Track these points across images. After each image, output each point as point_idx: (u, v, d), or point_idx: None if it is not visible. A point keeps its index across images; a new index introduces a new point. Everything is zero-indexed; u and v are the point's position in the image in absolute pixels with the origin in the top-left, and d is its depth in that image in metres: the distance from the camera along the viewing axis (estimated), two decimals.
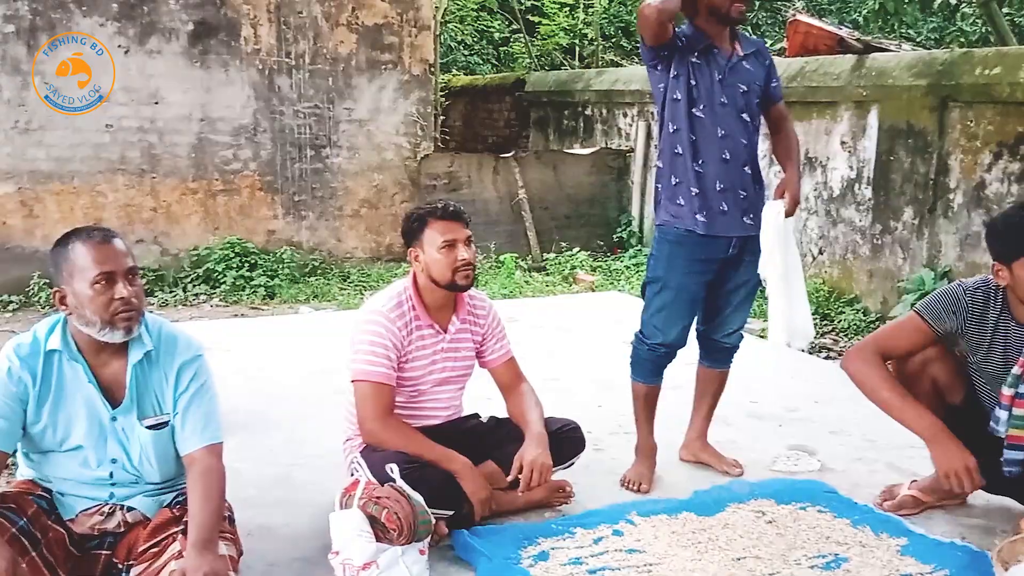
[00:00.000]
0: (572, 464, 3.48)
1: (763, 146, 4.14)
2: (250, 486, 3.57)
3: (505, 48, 15.23)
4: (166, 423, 2.64)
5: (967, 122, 5.82)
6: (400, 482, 2.91)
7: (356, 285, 8.10)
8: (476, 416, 3.59)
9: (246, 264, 7.96)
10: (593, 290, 7.90)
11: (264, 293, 7.72)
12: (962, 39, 10.96)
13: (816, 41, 6.98)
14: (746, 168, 3.55)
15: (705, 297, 3.66)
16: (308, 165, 8.44)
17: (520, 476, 3.18)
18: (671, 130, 3.55)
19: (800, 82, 6.95)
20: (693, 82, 3.47)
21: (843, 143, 6.75)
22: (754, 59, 3.57)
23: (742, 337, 3.85)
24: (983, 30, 11.00)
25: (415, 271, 3.34)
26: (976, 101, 5.75)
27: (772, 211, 3.50)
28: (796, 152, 3.71)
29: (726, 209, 3.52)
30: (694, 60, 3.46)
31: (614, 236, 9.28)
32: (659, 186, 3.66)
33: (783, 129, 3.71)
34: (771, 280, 3.54)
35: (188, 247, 8.02)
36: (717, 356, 3.80)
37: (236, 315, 7.19)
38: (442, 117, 10.09)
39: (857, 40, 6.81)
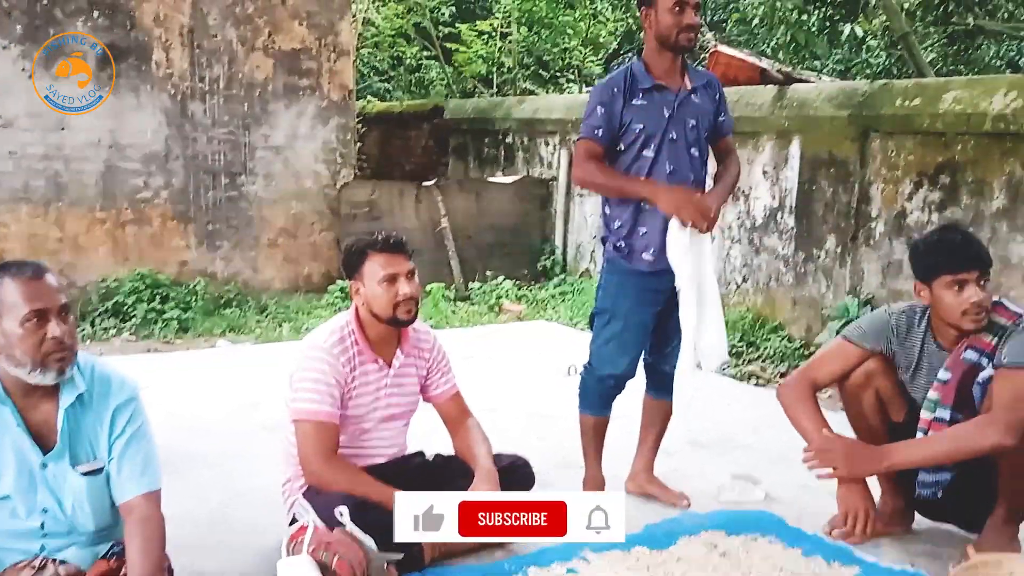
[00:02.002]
0: None
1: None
2: (181, 529, 3.35)
3: (419, 75, 15.12)
4: (101, 469, 2.48)
5: (888, 152, 5.94)
6: (351, 526, 2.79)
7: (274, 317, 7.85)
8: (421, 454, 3.48)
9: (157, 296, 7.63)
10: (520, 319, 7.83)
11: (177, 327, 7.40)
12: (868, 71, 11.33)
13: (737, 72, 7.07)
14: None
15: (654, 328, 3.61)
16: (223, 193, 8.19)
17: None
18: None
19: None
20: (640, 126, 3.43)
21: (765, 173, 6.84)
22: (704, 92, 3.55)
23: None
24: (887, 62, 11.40)
25: (356, 305, 3.23)
26: (897, 132, 5.87)
27: (675, 224, 3.40)
28: (731, 180, 3.67)
29: None
30: (637, 103, 3.43)
31: (538, 265, 9.24)
32: (607, 226, 3.59)
33: (727, 160, 3.70)
34: (682, 294, 3.45)
35: (96, 279, 7.66)
36: (664, 385, 3.76)
37: (148, 350, 6.90)
38: (359, 144, 9.94)
39: (778, 71, 6.93)
